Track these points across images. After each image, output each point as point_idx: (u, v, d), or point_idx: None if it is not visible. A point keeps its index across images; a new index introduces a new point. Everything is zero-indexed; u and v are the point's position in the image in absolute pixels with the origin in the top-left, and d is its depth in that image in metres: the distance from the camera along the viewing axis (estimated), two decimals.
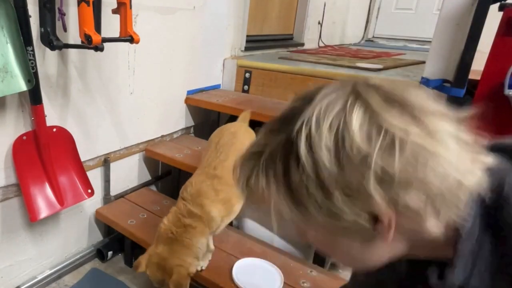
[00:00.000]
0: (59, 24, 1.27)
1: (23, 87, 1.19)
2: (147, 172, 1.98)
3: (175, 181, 1.98)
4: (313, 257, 1.49)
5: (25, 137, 1.32)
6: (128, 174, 1.86)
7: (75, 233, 1.66)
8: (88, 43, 1.18)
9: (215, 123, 2.22)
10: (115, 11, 1.33)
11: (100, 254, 1.71)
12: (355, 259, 0.53)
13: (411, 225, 0.44)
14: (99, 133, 1.61)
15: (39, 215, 1.36)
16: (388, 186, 0.41)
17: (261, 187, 0.46)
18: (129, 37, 1.33)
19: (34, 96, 1.26)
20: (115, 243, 1.73)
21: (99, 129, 1.61)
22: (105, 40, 1.24)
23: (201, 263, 1.19)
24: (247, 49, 2.47)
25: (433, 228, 0.45)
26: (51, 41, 1.24)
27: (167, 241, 1.07)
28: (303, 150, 0.42)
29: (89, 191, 1.53)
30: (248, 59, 2.31)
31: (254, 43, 2.64)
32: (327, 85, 0.47)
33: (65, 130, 1.44)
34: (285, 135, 0.44)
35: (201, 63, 2.11)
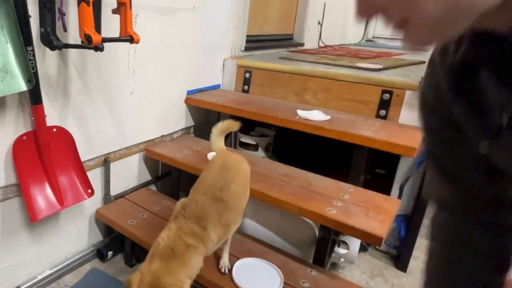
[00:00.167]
0: (59, 24, 1.27)
1: (23, 87, 1.19)
2: (147, 172, 1.98)
3: (175, 181, 1.98)
4: (313, 257, 1.49)
5: (25, 137, 1.32)
6: (128, 174, 1.86)
7: (75, 233, 1.66)
8: (88, 43, 1.19)
9: (215, 123, 2.22)
10: (115, 11, 1.33)
11: (100, 254, 1.71)
12: None
13: None
14: (99, 133, 1.62)
15: (39, 215, 1.36)
16: None
17: None
18: (129, 37, 1.33)
19: (34, 96, 1.26)
20: (115, 243, 1.73)
21: (99, 129, 1.61)
22: (105, 40, 1.25)
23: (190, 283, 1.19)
24: (247, 49, 2.48)
25: None
26: (51, 41, 1.24)
27: (164, 258, 1.06)
28: None
29: (89, 191, 1.53)
30: (248, 59, 2.31)
31: (254, 43, 2.64)
32: None
33: (65, 130, 1.44)
34: None
35: (201, 63, 2.12)
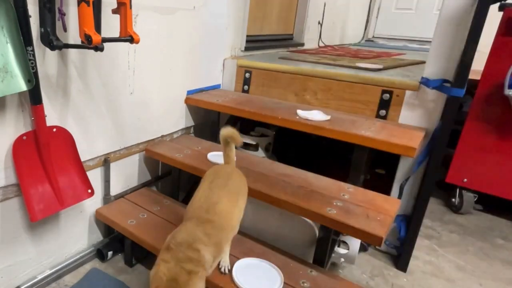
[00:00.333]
0: (59, 24, 1.27)
1: (23, 87, 1.19)
2: (147, 172, 1.98)
3: (175, 181, 1.98)
4: (313, 257, 1.49)
5: (25, 137, 1.32)
6: (128, 174, 1.86)
7: (75, 233, 1.66)
8: (88, 43, 1.19)
9: (215, 123, 2.22)
10: (115, 11, 1.33)
11: (100, 254, 1.71)
12: None
13: None
14: (99, 133, 1.62)
15: (39, 215, 1.36)
16: None
17: None
18: (129, 37, 1.33)
19: (34, 96, 1.26)
20: (115, 243, 1.73)
21: (99, 129, 1.61)
22: (105, 40, 1.25)
23: None
24: (247, 49, 2.48)
25: None
26: (51, 41, 1.24)
27: None
28: None
29: (89, 191, 1.53)
30: (248, 59, 2.31)
31: (254, 43, 2.64)
32: None
33: (65, 130, 1.44)
34: None
35: (201, 63, 2.12)
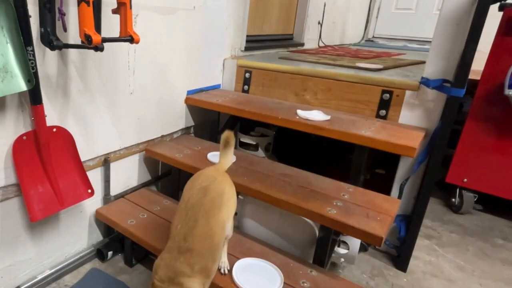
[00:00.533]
0: (59, 24, 1.27)
1: (23, 87, 1.19)
2: (147, 172, 1.98)
3: (175, 181, 1.98)
4: (313, 257, 1.49)
5: (25, 137, 1.32)
6: (128, 174, 1.86)
7: (75, 233, 1.66)
8: (88, 43, 1.19)
9: (215, 123, 2.22)
10: (115, 11, 1.33)
11: (100, 254, 1.71)
12: None
13: None
14: (99, 133, 1.62)
15: (39, 215, 1.36)
16: None
17: None
18: (129, 37, 1.33)
19: (34, 96, 1.26)
20: (115, 243, 1.73)
21: (99, 129, 1.61)
22: (105, 40, 1.25)
23: None
24: (247, 49, 2.48)
25: None
26: (51, 41, 1.24)
27: None
28: None
29: (89, 191, 1.53)
30: (248, 59, 2.31)
31: (254, 43, 2.64)
32: None
33: (65, 130, 1.44)
34: None
35: (201, 63, 2.12)
